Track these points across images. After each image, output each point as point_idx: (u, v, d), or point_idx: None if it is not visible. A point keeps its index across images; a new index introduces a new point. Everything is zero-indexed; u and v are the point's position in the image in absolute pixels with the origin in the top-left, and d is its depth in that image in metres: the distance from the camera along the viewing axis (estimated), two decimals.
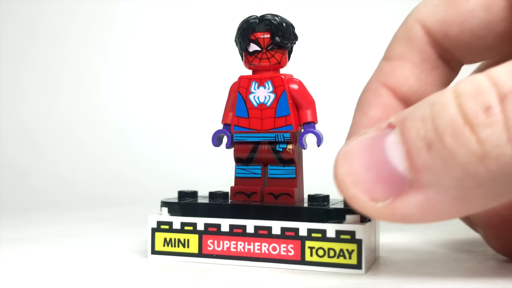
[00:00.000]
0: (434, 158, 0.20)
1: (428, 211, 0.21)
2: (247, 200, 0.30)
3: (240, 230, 0.28)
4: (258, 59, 0.29)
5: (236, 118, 0.30)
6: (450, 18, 0.26)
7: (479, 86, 0.20)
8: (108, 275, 0.26)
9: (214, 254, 0.28)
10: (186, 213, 0.29)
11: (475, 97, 0.20)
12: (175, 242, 0.29)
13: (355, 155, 0.22)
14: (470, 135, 0.19)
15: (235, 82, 0.30)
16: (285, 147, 0.29)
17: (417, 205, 0.21)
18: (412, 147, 0.21)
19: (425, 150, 0.20)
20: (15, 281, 0.25)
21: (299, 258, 0.27)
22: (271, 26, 0.29)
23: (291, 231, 0.27)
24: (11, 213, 0.52)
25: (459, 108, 0.20)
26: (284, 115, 0.29)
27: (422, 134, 0.20)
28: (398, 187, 0.21)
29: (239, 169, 0.30)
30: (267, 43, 0.29)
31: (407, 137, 0.21)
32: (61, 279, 0.25)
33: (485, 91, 0.20)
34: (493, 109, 0.19)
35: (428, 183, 0.20)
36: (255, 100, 0.29)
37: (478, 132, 0.19)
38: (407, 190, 0.21)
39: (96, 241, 0.35)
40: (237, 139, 0.30)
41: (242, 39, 0.29)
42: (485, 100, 0.19)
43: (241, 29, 0.29)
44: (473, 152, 0.19)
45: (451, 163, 0.20)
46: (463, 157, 0.19)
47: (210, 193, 0.30)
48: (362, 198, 0.22)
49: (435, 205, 0.21)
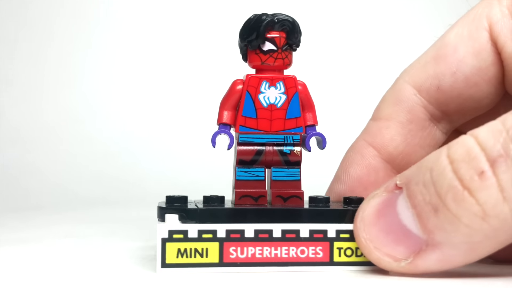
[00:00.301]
0: (442, 221, 0.23)
1: (445, 264, 0.24)
2: (254, 203, 0.28)
3: (266, 235, 0.27)
4: (273, 58, 0.28)
5: (242, 118, 0.28)
6: (441, 70, 0.28)
7: (470, 152, 0.23)
8: (108, 276, 0.26)
9: (238, 262, 0.26)
10: (204, 220, 0.26)
11: (468, 163, 0.22)
12: (191, 252, 0.26)
13: (371, 221, 0.26)
14: (470, 198, 0.22)
15: (237, 80, 0.29)
16: (292, 149, 0.29)
17: (436, 261, 0.24)
18: (421, 211, 0.24)
19: (433, 214, 0.23)
20: (15, 282, 0.24)
21: (327, 259, 0.27)
22: (288, 26, 0.28)
23: (319, 233, 0.27)
24: (11, 213, 0.50)
25: (456, 174, 0.23)
26: (295, 117, 0.29)
27: (428, 199, 0.24)
28: (416, 246, 0.24)
29: (241, 171, 0.29)
30: (282, 43, 0.28)
31: (415, 203, 0.24)
32: (61, 280, 0.25)
33: (476, 157, 0.22)
34: (486, 173, 0.22)
35: (441, 241, 0.24)
36: (265, 101, 0.29)
37: (476, 195, 0.22)
38: (424, 249, 0.24)
39: (97, 242, 0.34)
40: (242, 140, 0.29)
41: (257, 36, 0.28)
42: (478, 166, 0.22)
43: (254, 26, 0.28)
44: (475, 213, 0.22)
45: (458, 224, 0.23)
46: (467, 218, 0.23)
47: (204, 197, 0.28)
48: (386, 260, 0.25)
49: (451, 258, 0.24)
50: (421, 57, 0.30)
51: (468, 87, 0.28)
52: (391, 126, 0.30)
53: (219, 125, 0.29)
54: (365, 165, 0.31)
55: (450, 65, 0.28)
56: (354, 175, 0.31)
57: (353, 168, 0.31)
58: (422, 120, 0.30)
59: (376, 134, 0.30)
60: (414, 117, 0.29)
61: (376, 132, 0.30)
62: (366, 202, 0.26)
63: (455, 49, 0.28)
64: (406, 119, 0.30)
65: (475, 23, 0.27)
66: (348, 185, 0.31)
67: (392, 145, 0.30)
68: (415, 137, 0.30)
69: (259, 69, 0.29)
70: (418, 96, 0.29)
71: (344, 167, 0.31)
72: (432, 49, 0.29)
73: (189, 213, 0.26)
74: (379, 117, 0.30)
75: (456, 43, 0.28)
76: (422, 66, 0.29)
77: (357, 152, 0.31)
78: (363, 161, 0.31)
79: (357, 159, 0.31)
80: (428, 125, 0.30)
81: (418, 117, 0.29)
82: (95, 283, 0.24)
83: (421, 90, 0.29)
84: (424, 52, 0.30)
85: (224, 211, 0.27)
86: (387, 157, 0.30)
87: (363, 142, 0.31)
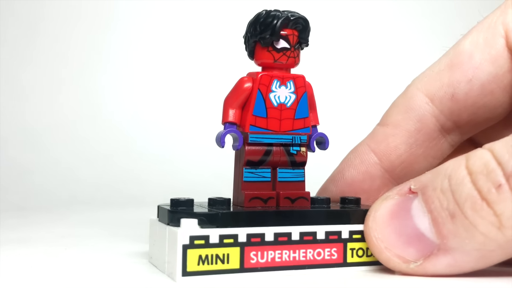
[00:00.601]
0: (458, 227, 0.24)
1: (454, 269, 0.25)
2: (264, 205, 0.28)
3: (285, 238, 0.26)
4: (287, 56, 0.28)
5: (253, 117, 0.27)
6: (456, 78, 0.28)
7: (487, 165, 0.24)
8: (108, 277, 0.25)
9: (258, 267, 0.25)
10: (225, 224, 0.25)
11: (486, 175, 0.24)
12: (213, 259, 0.25)
13: (384, 221, 0.26)
14: (487, 209, 0.24)
15: (244, 78, 0.28)
16: (299, 150, 0.29)
17: (446, 265, 0.25)
18: (438, 216, 0.25)
19: (449, 220, 0.24)
20: (14, 282, 0.24)
21: (341, 260, 0.27)
22: (302, 24, 0.28)
23: (334, 234, 0.27)
24: (11, 213, 0.50)
25: (474, 185, 0.24)
26: (303, 117, 0.28)
27: (445, 206, 0.25)
28: (428, 250, 0.25)
29: (248, 172, 0.28)
30: (295, 41, 0.28)
31: (432, 208, 0.25)
32: (60, 280, 0.24)
33: (493, 171, 0.23)
34: (503, 187, 0.23)
35: (454, 247, 0.25)
36: (275, 100, 0.28)
37: (494, 207, 0.24)
38: (436, 253, 0.25)
39: (96, 242, 0.34)
40: (252, 140, 0.28)
41: (272, 33, 0.27)
42: (495, 179, 0.23)
43: (268, 23, 0.27)
44: (492, 223, 0.24)
45: (474, 231, 0.24)
46: (484, 227, 0.24)
47: (210, 199, 0.27)
48: (395, 261, 0.26)
49: (461, 264, 0.25)
50: (434, 65, 0.30)
51: (483, 95, 0.28)
52: (398, 134, 0.30)
53: (224, 124, 0.28)
54: (362, 171, 0.31)
55: (466, 72, 0.28)
56: (348, 179, 0.31)
57: (349, 172, 0.31)
58: (431, 130, 0.30)
59: (381, 140, 0.30)
60: (423, 127, 0.29)
61: (382, 138, 0.30)
62: (378, 203, 0.27)
63: (470, 56, 0.28)
64: (414, 128, 0.30)
65: (490, 30, 0.28)
66: (339, 187, 0.31)
67: (396, 153, 0.30)
68: (420, 147, 0.30)
69: (266, 67, 0.28)
70: (431, 105, 0.29)
71: (340, 168, 0.31)
72: (446, 57, 0.29)
73: (209, 217, 0.25)
74: (386, 123, 0.30)
75: (472, 50, 0.28)
76: (436, 74, 0.29)
77: (358, 156, 0.31)
78: (361, 167, 0.31)
79: (355, 163, 0.31)
80: (437, 136, 0.30)
81: (427, 127, 0.29)
82: (88, 280, 0.24)
83: (434, 99, 0.29)
84: (437, 60, 0.30)
85: (245, 215, 0.26)
86: (387, 165, 0.30)
87: (366, 147, 0.31)
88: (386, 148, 0.30)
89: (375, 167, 0.30)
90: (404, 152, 0.30)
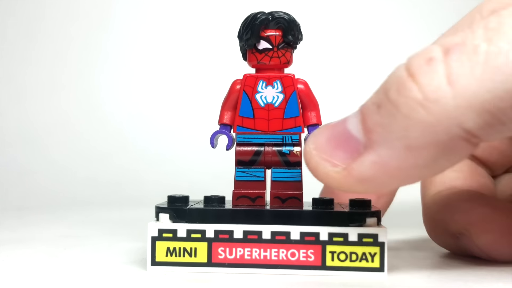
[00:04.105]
0: (382, 115, 0.21)
1: (380, 168, 0.22)
2: (252, 204, 0.28)
3: (255, 236, 0.26)
4: (269, 57, 0.28)
5: (240, 118, 0.28)
6: None
7: (427, 48, 0.21)
8: (107, 277, 0.26)
9: (226, 263, 0.26)
10: (194, 220, 0.27)
11: (421, 54, 0.21)
12: (180, 252, 0.26)
13: (321, 131, 0.24)
14: (412, 84, 0.20)
15: (236, 80, 0.29)
16: (292, 150, 0.28)
17: (370, 164, 0.22)
18: (366, 112, 0.22)
19: (375, 111, 0.22)
20: (14, 282, 0.24)
21: (319, 263, 0.26)
22: (284, 24, 0.28)
23: (311, 235, 0.26)
24: (11, 213, 0.50)
25: (406, 66, 0.21)
26: (293, 116, 0.28)
27: (374, 100, 0.22)
28: (355, 150, 0.22)
29: (240, 172, 0.29)
30: (278, 41, 0.28)
31: (363, 108, 0.22)
32: (60, 280, 0.25)
33: (431, 47, 0.21)
34: (436, 59, 0.20)
35: (378, 140, 0.21)
36: (262, 100, 0.28)
37: (419, 80, 0.20)
38: (361, 152, 0.22)
39: (96, 242, 0.34)
40: (240, 141, 0.28)
41: (252, 35, 0.28)
42: (429, 54, 0.21)
43: (250, 25, 0.28)
44: (414, 98, 0.20)
45: (396, 115, 0.21)
46: (406, 106, 0.20)
47: (205, 197, 0.29)
48: (323, 164, 0.23)
49: (386, 160, 0.21)
50: None
51: None
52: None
53: (220, 125, 0.29)
54: None
55: None
56: None
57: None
58: None
59: None
60: None
61: None
62: None
63: None
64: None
65: None
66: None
67: None
68: None
69: (258, 69, 0.29)
70: None
71: None
72: None
73: (178, 212, 0.27)
74: None
75: None
76: None
77: None
78: None
79: None
80: None
81: None
82: (88, 281, 0.25)
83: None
84: None
85: (213, 212, 0.27)
86: None
87: None
88: None
89: None
90: None
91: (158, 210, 0.27)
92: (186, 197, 0.28)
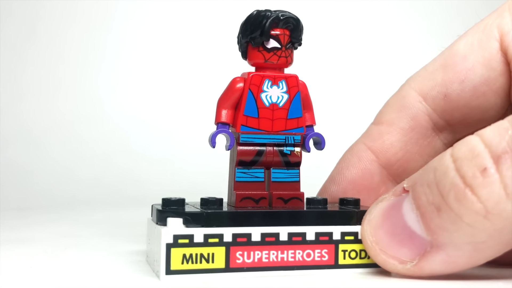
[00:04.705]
0: (445, 220, 0.23)
1: (450, 265, 0.24)
2: (256, 205, 0.28)
3: (273, 238, 0.26)
4: (277, 56, 0.27)
5: (244, 117, 0.27)
6: (449, 78, 0.28)
7: (473, 150, 0.22)
8: (107, 277, 0.25)
9: (244, 267, 0.25)
10: (211, 224, 0.25)
11: (471, 160, 0.22)
12: (197, 258, 0.25)
13: (377, 223, 0.25)
14: (471, 196, 0.22)
15: (236, 78, 0.28)
16: (293, 150, 0.28)
17: (440, 262, 0.24)
18: (425, 212, 0.24)
19: (436, 214, 0.23)
20: (14, 282, 0.24)
21: (332, 262, 0.27)
22: (292, 23, 0.27)
23: (325, 235, 0.27)
24: (11, 213, 0.49)
25: (458, 172, 0.22)
26: (296, 117, 0.28)
27: (431, 200, 0.23)
28: (421, 248, 0.24)
29: (240, 172, 0.28)
30: (286, 41, 0.28)
31: (419, 203, 0.24)
32: (60, 280, 0.24)
33: (479, 154, 0.22)
34: (489, 170, 0.22)
35: (445, 242, 0.23)
36: (267, 100, 0.28)
37: (478, 192, 0.22)
38: (429, 251, 0.24)
39: (96, 242, 0.34)
40: (243, 140, 0.28)
41: (262, 33, 0.27)
42: (481, 162, 0.22)
43: (257, 22, 0.27)
44: (477, 211, 0.22)
45: (460, 223, 0.23)
46: (469, 217, 0.22)
47: (202, 199, 0.27)
48: (391, 262, 0.25)
49: (455, 259, 0.24)
50: (428, 65, 0.30)
51: (475, 97, 0.28)
52: (392, 132, 0.30)
53: (217, 124, 0.28)
54: (361, 169, 0.30)
55: (459, 73, 0.28)
56: (349, 177, 0.31)
57: (348, 170, 0.31)
58: (424, 129, 0.29)
59: (376, 138, 0.30)
60: (417, 125, 0.29)
61: (377, 136, 0.30)
62: (374, 205, 0.26)
63: (464, 58, 0.28)
64: (408, 126, 0.29)
65: (485, 33, 0.27)
66: (341, 186, 0.31)
67: (392, 151, 0.30)
68: (415, 145, 0.30)
69: (259, 67, 0.28)
70: (424, 104, 0.29)
71: (339, 168, 0.31)
72: (440, 57, 0.29)
73: (194, 216, 0.25)
74: (381, 121, 0.30)
75: (466, 52, 0.28)
76: (430, 73, 0.29)
77: (355, 155, 0.31)
78: (360, 164, 0.30)
79: (353, 162, 0.30)
80: (430, 134, 0.29)
81: (420, 125, 0.29)
82: (88, 281, 0.24)
83: (427, 97, 0.29)
84: (432, 60, 0.29)
85: (230, 214, 0.26)
86: (384, 162, 0.30)
87: (362, 145, 0.30)
88: (382, 145, 0.30)
89: (372, 164, 0.30)
90: (400, 149, 0.30)
91: (164, 214, 0.25)
92: (182, 199, 0.27)
